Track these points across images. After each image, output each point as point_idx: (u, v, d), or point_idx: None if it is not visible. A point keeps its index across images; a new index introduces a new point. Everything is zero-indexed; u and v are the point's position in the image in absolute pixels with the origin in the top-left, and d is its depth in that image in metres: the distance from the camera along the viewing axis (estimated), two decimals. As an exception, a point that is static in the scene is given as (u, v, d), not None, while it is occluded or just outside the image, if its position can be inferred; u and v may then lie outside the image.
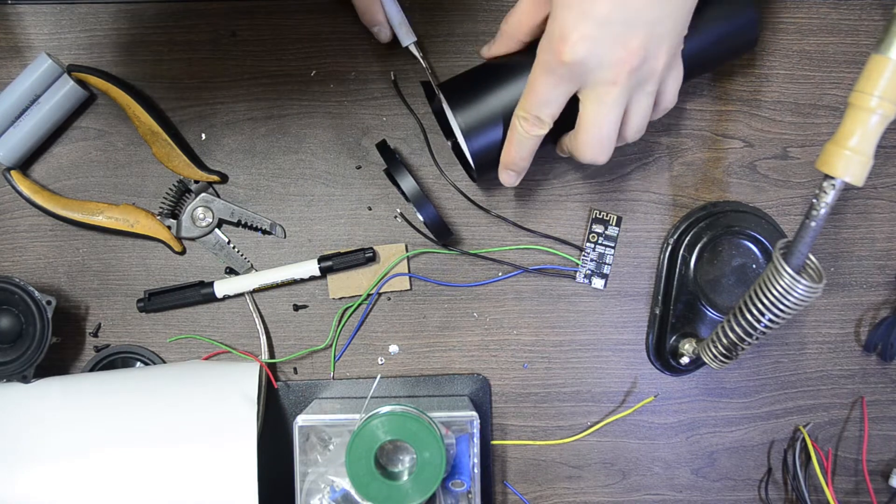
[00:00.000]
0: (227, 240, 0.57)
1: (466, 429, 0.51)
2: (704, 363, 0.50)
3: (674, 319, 0.55)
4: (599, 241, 0.57)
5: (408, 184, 0.51)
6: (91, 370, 0.56)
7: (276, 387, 0.57)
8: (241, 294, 0.57)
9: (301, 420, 0.51)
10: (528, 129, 0.45)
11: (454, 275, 0.57)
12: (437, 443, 0.49)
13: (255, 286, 0.56)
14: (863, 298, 0.58)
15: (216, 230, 0.57)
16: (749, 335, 0.44)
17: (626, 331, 0.58)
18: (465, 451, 0.52)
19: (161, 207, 0.56)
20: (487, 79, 0.48)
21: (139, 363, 0.57)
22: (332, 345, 0.57)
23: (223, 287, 0.56)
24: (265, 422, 0.56)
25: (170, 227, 0.56)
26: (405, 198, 0.55)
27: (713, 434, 0.59)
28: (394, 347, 0.58)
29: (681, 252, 0.55)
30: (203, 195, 0.56)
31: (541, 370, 0.58)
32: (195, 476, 0.49)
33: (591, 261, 0.57)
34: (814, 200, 0.40)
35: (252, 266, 0.57)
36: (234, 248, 0.57)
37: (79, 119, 0.56)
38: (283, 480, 0.53)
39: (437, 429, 0.49)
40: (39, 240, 0.57)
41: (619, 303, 0.58)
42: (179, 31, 0.56)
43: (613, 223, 0.57)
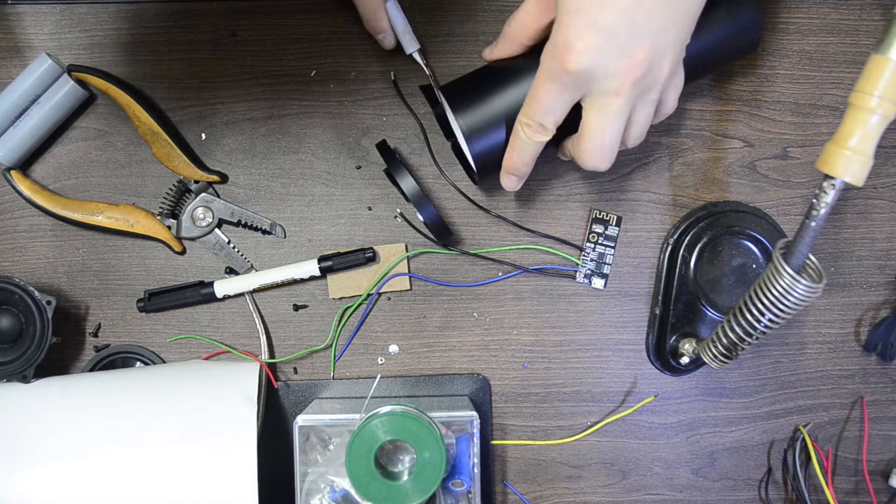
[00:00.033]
0: (227, 240, 0.57)
1: (466, 429, 0.51)
2: (704, 363, 0.50)
3: (674, 319, 0.55)
4: (599, 241, 0.57)
5: (408, 184, 0.51)
6: (91, 370, 0.56)
7: (276, 387, 0.57)
8: (241, 294, 0.57)
9: (301, 420, 0.51)
10: (531, 136, 0.45)
11: (454, 275, 0.57)
12: (437, 443, 0.49)
13: (255, 286, 0.56)
14: (863, 298, 0.58)
15: (216, 230, 0.57)
16: (749, 335, 0.44)
17: (626, 331, 0.58)
18: (465, 451, 0.52)
19: (161, 207, 0.56)
20: (490, 82, 0.48)
21: (139, 363, 0.57)
22: (332, 345, 0.57)
23: (223, 287, 0.56)
24: (265, 422, 0.56)
25: (170, 227, 0.56)
26: (405, 198, 0.55)
27: (713, 434, 0.59)
28: (394, 347, 0.58)
29: (681, 252, 0.55)
30: (203, 195, 0.56)
31: (541, 370, 0.58)
32: (195, 476, 0.49)
33: (591, 261, 0.57)
34: (814, 200, 0.40)
35: (252, 266, 0.57)
36: (234, 248, 0.57)
37: (79, 119, 0.56)
38: (283, 480, 0.53)
39: (437, 429, 0.49)
40: (39, 240, 0.57)
41: (619, 303, 0.58)
42: (179, 31, 0.56)
43: (613, 223, 0.57)
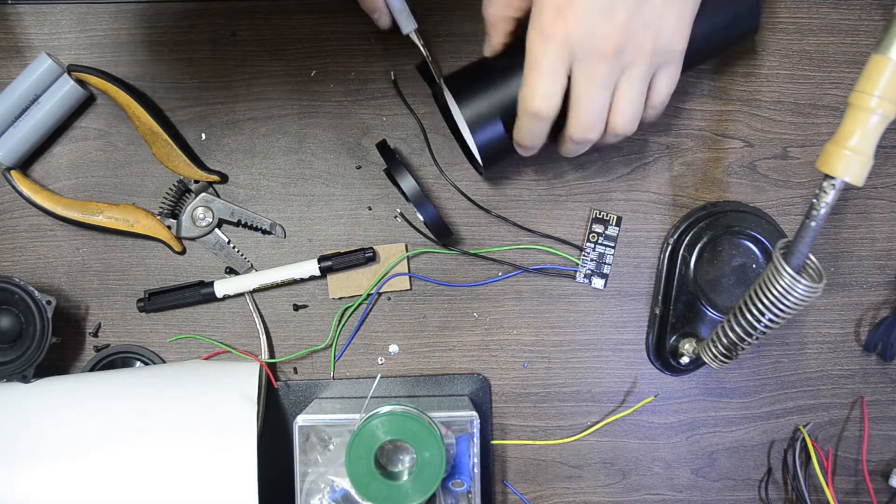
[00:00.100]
0: (227, 240, 0.57)
1: (466, 429, 0.51)
2: (704, 363, 0.50)
3: (674, 319, 0.55)
4: (599, 241, 0.57)
5: (408, 184, 0.51)
6: (91, 370, 0.56)
7: (276, 387, 0.57)
8: (241, 294, 0.57)
9: (301, 420, 0.51)
10: (536, 108, 0.44)
11: (454, 275, 0.57)
12: (437, 443, 0.49)
13: (255, 286, 0.56)
14: (863, 298, 0.58)
15: (216, 230, 0.57)
16: (749, 335, 0.44)
17: (626, 331, 0.58)
18: (465, 451, 0.52)
19: (161, 207, 0.56)
20: (490, 69, 0.48)
21: (139, 363, 0.57)
22: (332, 345, 0.57)
23: (223, 287, 0.56)
24: (265, 422, 0.56)
25: (170, 227, 0.56)
26: (405, 198, 0.55)
27: (713, 434, 0.59)
28: (394, 347, 0.58)
29: (681, 252, 0.55)
30: (203, 195, 0.56)
31: (541, 370, 0.58)
32: (195, 476, 0.49)
33: (591, 261, 0.57)
34: (814, 200, 0.40)
35: (252, 266, 0.57)
36: (234, 248, 0.57)
37: (79, 119, 0.56)
38: (283, 480, 0.53)
39: (437, 429, 0.49)
40: (39, 240, 0.57)
41: (619, 303, 0.58)
42: (179, 31, 0.56)
43: (613, 223, 0.57)
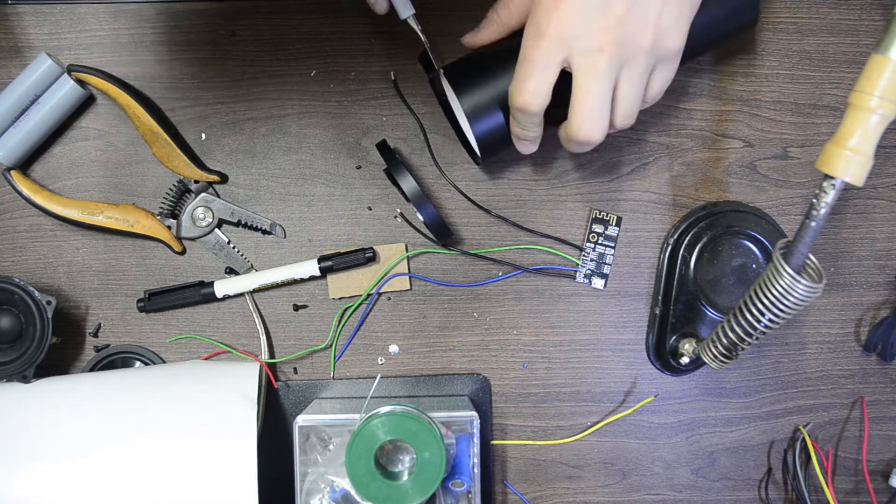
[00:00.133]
0: (227, 240, 0.57)
1: (466, 429, 0.51)
2: (704, 363, 0.50)
3: (674, 319, 0.55)
4: (599, 241, 0.57)
5: (408, 184, 0.51)
6: (91, 370, 0.56)
7: (276, 387, 0.57)
8: (241, 294, 0.57)
9: (301, 420, 0.51)
10: (527, 102, 0.45)
11: (454, 275, 0.57)
12: (437, 443, 0.49)
13: (255, 286, 0.56)
14: (863, 298, 0.58)
15: (216, 230, 0.57)
16: (749, 335, 0.44)
17: (626, 331, 0.58)
18: (465, 451, 0.52)
19: (161, 207, 0.56)
20: (489, 59, 0.48)
21: (139, 363, 0.57)
22: (332, 345, 0.57)
23: (223, 287, 0.56)
24: (265, 422, 0.56)
25: (170, 227, 0.56)
26: (405, 198, 0.55)
27: (713, 434, 0.59)
28: (394, 347, 0.58)
29: (681, 252, 0.55)
30: (203, 195, 0.56)
31: (541, 370, 0.58)
32: (195, 476, 0.49)
33: (591, 261, 0.57)
34: (814, 200, 0.40)
35: (252, 266, 0.57)
36: (234, 248, 0.57)
37: (79, 119, 0.56)
38: (283, 480, 0.53)
39: (437, 429, 0.49)
40: (39, 240, 0.57)
41: (619, 303, 0.58)
42: (179, 31, 0.56)
43: (613, 223, 0.57)
